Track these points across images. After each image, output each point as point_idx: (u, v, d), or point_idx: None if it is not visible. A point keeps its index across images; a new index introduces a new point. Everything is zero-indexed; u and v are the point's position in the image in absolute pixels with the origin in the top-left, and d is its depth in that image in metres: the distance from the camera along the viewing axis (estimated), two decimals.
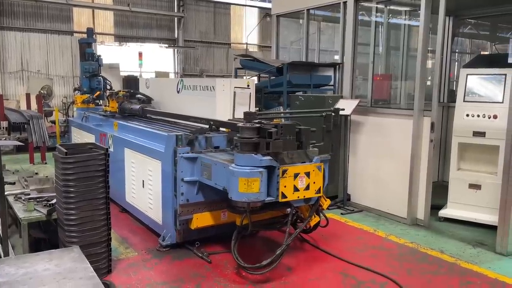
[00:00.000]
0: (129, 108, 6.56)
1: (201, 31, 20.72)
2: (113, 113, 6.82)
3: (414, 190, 5.63)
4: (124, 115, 6.72)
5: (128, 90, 6.95)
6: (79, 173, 3.75)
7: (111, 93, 6.91)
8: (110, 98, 6.88)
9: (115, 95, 6.77)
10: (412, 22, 8.36)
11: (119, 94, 6.74)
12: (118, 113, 6.77)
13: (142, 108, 6.36)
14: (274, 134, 3.64)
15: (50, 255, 2.69)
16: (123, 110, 6.69)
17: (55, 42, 16.69)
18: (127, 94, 6.77)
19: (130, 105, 6.61)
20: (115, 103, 6.76)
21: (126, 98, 6.73)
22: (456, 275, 4.22)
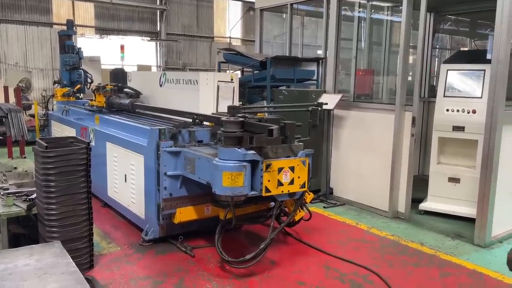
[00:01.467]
0: (118, 102, 6.30)
1: (183, 25, 20.53)
2: (100, 108, 6.52)
3: (395, 184, 5.71)
4: (112, 110, 6.45)
5: (116, 84, 6.67)
6: (60, 167, 3.69)
7: (98, 87, 6.54)
8: (97, 92, 6.52)
9: (102, 89, 6.44)
10: (394, 17, 8.45)
11: (107, 88, 6.44)
12: (105, 108, 6.48)
13: (131, 103, 6.11)
14: (275, 131, 3.47)
15: (31, 251, 2.65)
16: (111, 105, 6.41)
17: (33, 34, 16.31)
18: (115, 88, 6.47)
19: (118, 99, 6.34)
20: (102, 98, 6.44)
21: (114, 92, 6.44)
22: (435, 267, 4.31)
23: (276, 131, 3.49)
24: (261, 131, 3.76)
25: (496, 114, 4.63)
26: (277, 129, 3.47)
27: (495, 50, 4.62)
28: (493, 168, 4.68)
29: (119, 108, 6.34)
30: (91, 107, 6.69)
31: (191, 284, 3.83)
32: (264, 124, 3.80)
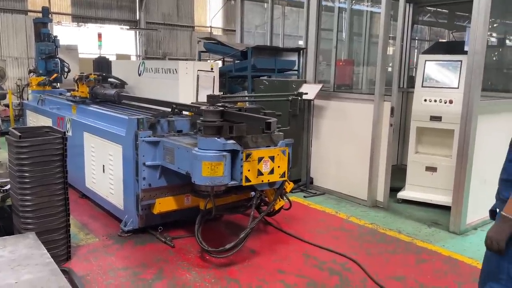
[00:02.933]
0: (102, 93, 5.93)
1: (163, 13, 20.22)
2: (83, 99, 6.12)
3: (374, 173, 5.78)
4: (96, 100, 6.10)
5: (100, 73, 6.32)
6: (34, 157, 3.60)
7: (80, 77, 6.14)
8: (80, 82, 6.14)
9: (85, 79, 6.05)
10: (374, 8, 8.50)
11: (90, 78, 6.06)
12: (89, 99, 6.10)
13: (117, 94, 5.75)
14: (273, 124, 3.27)
15: (4, 242, 2.58)
16: (95, 96, 6.03)
17: (8, 21, 15.82)
18: (99, 78, 6.09)
19: (103, 90, 5.97)
20: (86, 88, 6.06)
21: (98, 82, 6.08)
22: (412, 254, 4.40)
23: (274, 124, 3.26)
24: (241, 120, 3.75)
25: (472, 104, 4.72)
26: (275, 122, 3.24)
27: (471, 41, 4.69)
28: (469, 157, 4.77)
29: (103, 98, 6.00)
30: (73, 98, 6.30)
31: (170, 274, 3.81)
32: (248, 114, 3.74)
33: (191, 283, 3.68)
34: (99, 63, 7.03)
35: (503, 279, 2.20)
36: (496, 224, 2.20)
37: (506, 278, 2.18)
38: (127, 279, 3.71)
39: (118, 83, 6.26)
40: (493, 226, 2.22)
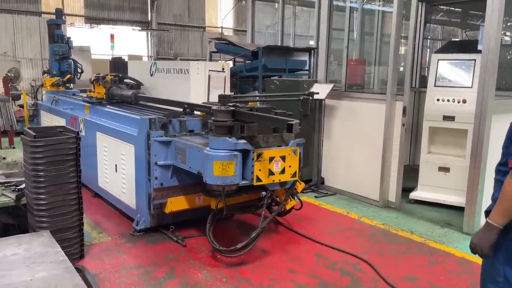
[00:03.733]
0: (119, 94, 5.88)
1: (175, 14, 20.33)
2: (99, 100, 6.09)
3: (386, 173, 5.74)
4: (112, 101, 6.05)
5: (116, 74, 6.22)
6: (49, 156, 3.65)
7: (97, 77, 6.10)
8: (96, 83, 6.10)
9: (102, 80, 6.02)
10: (386, 8, 8.44)
11: (107, 79, 6.03)
12: (105, 100, 6.07)
13: (134, 95, 5.68)
14: (295, 126, 3.09)
15: (19, 240, 2.63)
16: (111, 96, 6.00)
17: (22, 23, 16.03)
18: (115, 78, 6.05)
19: (119, 90, 5.92)
20: (102, 89, 6.03)
21: (115, 83, 6.05)
22: (425, 255, 4.36)
23: (296, 126, 3.09)
24: (253, 120, 3.76)
25: (486, 104, 4.66)
26: (297, 124, 3.06)
27: (485, 40, 4.63)
28: (482, 157, 4.72)
29: (120, 99, 5.95)
30: (89, 99, 6.26)
31: (182, 273, 3.83)
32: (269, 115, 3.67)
33: (203, 282, 3.69)
34: (115, 63, 6.94)
35: (500, 281, 2.20)
36: (481, 230, 2.20)
37: (503, 281, 2.19)
38: (139, 277, 3.74)
39: (134, 84, 6.22)
40: (479, 232, 2.22)
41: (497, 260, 2.20)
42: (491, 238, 2.14)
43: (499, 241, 2.16)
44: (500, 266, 2.18)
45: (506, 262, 2.17)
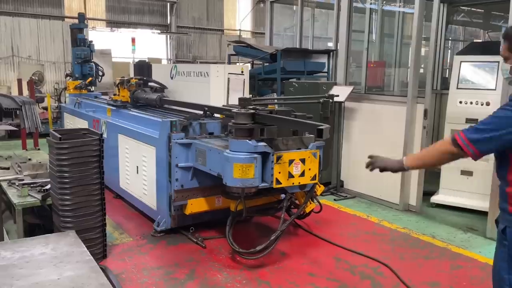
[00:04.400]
0: (144, 97, 5.89)
1: (194, 17, 20.52)
2: (124, 103, 6.10)
3: (407, 177, 5.68)
4: (137, 105, 6.08)
5: (141, 77, 6.24)
6: (73, 158, 3.74)
7: (122, 81, 6.13)
8: (121, 86, 6.12)
9: (126, 83, 6.03)
10: (406, 9, 8.35)
11: (132, 82, 6.04)
12: (129, 103, 6.08)
13: (159, 98, 5.67)
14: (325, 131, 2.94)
15: (46, 240, 2.69)
16: (136, 100, 6.02)
17: (45, 27, 16.43)
18: (140, 82, 6.06)
19: (144, 94, 5.94)
20: (127, 92, 6.05)
21: (139, 86, 6.07)
22: (447, 259, 4.30)
23: (327, 132, 2.94)
24: (273, 123, 3.77)
25: None
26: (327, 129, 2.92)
27: None
28: None
29: (145, 103, 6.00)
30: (114, 102, 6.27)
31: (202, 274, 3.87)
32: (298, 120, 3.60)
33: (223, 283, 3.72)
34: (139, 66, 6.99)
35: None
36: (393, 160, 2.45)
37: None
38: (160, 278, 3.79)
39: (158, 87, 6.21)
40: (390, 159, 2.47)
41: (502, 270, 2.19)
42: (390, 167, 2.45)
43: (502, 250, 2.18)
44: (506, 275, 2.18)
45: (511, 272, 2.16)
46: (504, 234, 2.18)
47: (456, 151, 2.15)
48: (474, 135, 2.10)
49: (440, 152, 2.25)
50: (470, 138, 2.10)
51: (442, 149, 2.24)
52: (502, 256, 2.19)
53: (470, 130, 2.14)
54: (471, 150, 2.11)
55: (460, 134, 2.14)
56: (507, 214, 2.18)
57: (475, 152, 2.10)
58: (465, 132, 2.14)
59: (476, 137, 2.10)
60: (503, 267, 2.19)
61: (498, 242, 2.26)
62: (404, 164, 2.37)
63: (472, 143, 2.10)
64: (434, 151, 2.30)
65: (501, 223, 2.23)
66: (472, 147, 2.10)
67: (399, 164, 2.40)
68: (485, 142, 2.09)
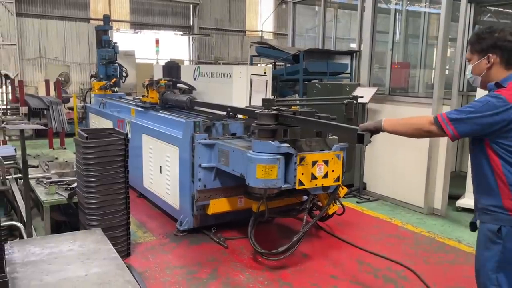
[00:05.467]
0: (174, 99, 5.75)
1: (216, 19, 20.64)
2: (153, 104, 6.01)
3: (432, 180, 5.58)
4: (165, 106, 5.97)
5: (170, 78, 6.13)
6: (99, 157, 3.81)
7: (151, 82, 6.04)
8: (150, 87, 6.02)
9: (155, 85, 5.94)
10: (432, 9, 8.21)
11: (161, 83, 5.94)
12: (158, 105, 5.98)
13: (190, 100, 5.53)
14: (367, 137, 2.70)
15: (74, 236, 2.75)
16: (165, 101, 5.90)
17: (72, 29, 16.79)
18: (169, 83, 5.96)
19: (174, 96, 5.81)
20: (156, 94, 5.95)
21: (169, 87, 5.96)
22: (473, 265, 4.18)
23: (368, 137, 2.70)
24: (297, 124, 3.75)
25: None
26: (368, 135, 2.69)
27: None
28: None
29: (175, 104, 5.84)
30: (143, 103, 6.17)
31: (224, 274, 3.88)
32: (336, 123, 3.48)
33: (244, 284, 3.73)
34: (168, 68, 6.93)
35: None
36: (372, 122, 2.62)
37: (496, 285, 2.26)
38: (183, 277, 3.82)
39: (186, 89, 6.14)
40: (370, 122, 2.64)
41: (489, 269, 2.26)
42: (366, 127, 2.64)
43: (490, 250, 2.25)
44: (493, 274, 2.25)
45: (500, 270, 2.23)
46: (500, 233, 2.21)
47: (435, 131, 2.24)
48: (455, 115, 2.19)
49: (418, 127, 2.33)
50: (450, 117, 2.19)
51: (421, 125, 2.31)
52: (491, 255, 2.25)
53: (452, 111, 2.24)
54: (450, 130, 2.19)
55: (443, 114, 2.23)
56: (501, 212, 2.22)
57: (454, 132, 2.18)
58: (447, 113, 2.23)
59: (457, 116, 2.18)
60: (492, 267, 2.25)
61: (488, 242, 2.28)
62: (382, 126, 2.50)
63: (451, 122, 2.18)
64: (412, 124, 2.39)
65: (489, 224, 2.28)
66: (451, 127, 2.18)
67: (377, 124, 2.54)
68: (465, 122, 2.17)
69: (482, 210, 2.32)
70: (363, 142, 2.72)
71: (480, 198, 2.34)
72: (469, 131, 2.20)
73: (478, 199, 2.37)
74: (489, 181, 2.25)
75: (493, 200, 2.24)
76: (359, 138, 2.73)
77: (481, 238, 2.34)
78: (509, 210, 2.20)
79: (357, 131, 2.73)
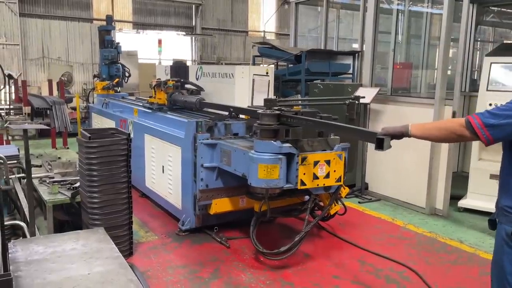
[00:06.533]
0: (182, 100, 5.60)
1: (218, 19, 20.66)
2: (161, 106, 5.89)
3: (433, 180, 5.58)
4: (174, 107, 5.86)
5: (178, 79, 5.96)
6: (102, 157, 3.83)
7: (158, 83, 5.91)
8: (158, 88, 5.89)
9: (163, 85, 5.79)
10: (434, 10, 8.21)
11: (169, 84, 5.79)
12: (166, 106, 5.86)
13: (199, 101, 5.35)
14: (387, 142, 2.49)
15: (77, 235, 2.77)
16: (174, 102, 5.76)
17: (75, 29, 16.84)
18: (177, 84, 5.81)
19: (182, 97, 5.67)
20: (163, 94, 5.81)
21: (177, 88, 5.81)
22: (475, 265, 4.20)
23: (388, 142, 2.50)
24: (299, 124, 3.76)
25: None
26: (388, 140, 2.50)
27: None
28: None
29: (183, 106, 5.71)
30: (150, 105, 6.05)
31: (226, 273, 3.90)
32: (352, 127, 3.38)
33: (246, 283, 3.74)
34: (176, 68, 6.71)
35: None
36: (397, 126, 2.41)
37: None
38: (185, 276, 3.84)
39: (194, 89, 6.00)
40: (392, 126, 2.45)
41: (509, 273, 2.15)
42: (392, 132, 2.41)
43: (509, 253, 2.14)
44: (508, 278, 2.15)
45: None
46: None
47: (468, 135, 2.09)
48: (491, 120, 2.04)
49: (450, 131, 2.18)
50: (486, 123, 2.04)
51: (452, 129, 2.16)
52: (510, 259, 2.15)
53: (485, 115, 2.07)
54: (485, 136, 2.05)
55: (476, 118, 2.07)
56: None
57: (489, 138, 2.05)
58: (480, 117, 2.07)
59: (493, 122, 2.04)
60: (510, 271, 2.14)
61: (504, 245, 2.18)
62: (409, 131, 2.31)
63: (487, 128, 2.04)
64: (443, 128, 2.23)
65: (505, 225, 2.18)
66: (486, 133, 2.05)
67: (404, 129, 2.34)
68: (501, 128, 2.04)
69: (501, 210, 2.23)
70: (383, 147, 2.49)
71: (501, 197, 2.24)
72: (506, 136, 2.09)
73: (499, 198, 2.28)
74: (511, 181, 2.17)
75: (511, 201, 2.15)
76: (378, 143, 2.52)
77: (498, 240, 2.26)
78: None
79: (376, 135, 2.52)
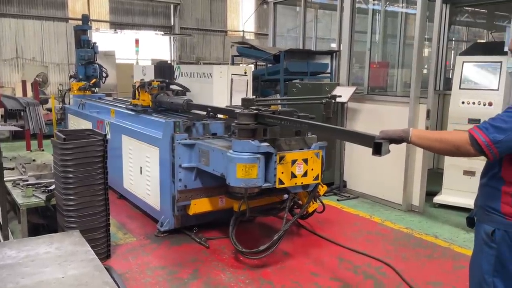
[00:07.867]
0: (168, 101, 5.38)
1: (197, 19, 20.56)
2: (145, 107, 5.61)
3: (410, 177, 5.69)
4: (159, 109, 5.63)
5: (163, 79, 5.70)
6: (77, 158, 3.77)
7: (142, 84, 5.63)
8: (142, 89, 5.60)
9: (148, 86, 5.53)
10: (409, 10, 8.36)
11: (153, 85, 5.53)
12: (151, 108, 5.59)
13: (187, 102, 5.13)
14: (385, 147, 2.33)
15: (51, 239, 2.72)
16: (159, 104, 5.52)
17: (50, 29, 16.49)
18: (162, 85, 5.55)
19: (168, 98, 5.43)
20: (148, 96, 5.54)
21: (162, 89, 5.55)
22: (449, 259, 4.30)
23: (386, 146, 2.33)
24: (274, 123, 3.78)
25: None
26: (387, 145, 2.33)
27: None
28: None
29: (169, 107, 5.50)
30: (134, 107, 5.76)
31: (205, 274, 3.89)
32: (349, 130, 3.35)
33: (226, 283, 3.74)
34: (160, 68, 6.38)
35: None
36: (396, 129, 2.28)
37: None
38: (164, 278, 3.81)
39: (179, 90, 5.77)
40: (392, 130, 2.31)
41: (486, 273, 2.15)
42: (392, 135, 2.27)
43: (487, 253, 2.13)
44: (489, 278, 2.14)
45: (496, 275, 2.12)
46: (493, 236, 2.10)
47: (472, 152, 1.99)
48: (498, 136, 1.94)
49: (453, 146, 2.05)
50: (494, 140, 1.94)
51: (455, 144, 2.04)
52: (488, 259, 2.14)
53: (490, 130, 1.96)
54: (493, 153, 1.96)
55: (480, 133, 1.97)
56: (497, 214, 2.09)
57: (496, 154, 1.97)
58: (485, 132, 1.97)
59: (501, 138, 1.94)
60: (487, 270, 2.14)
61: (483, 244, 2.17)
62: (410, 137, 2.18)
63: (495, 145, 1.95)
64: (445, 142, 2.09)
65: (485, 224, 2.16)
66: (494, 150, 1.95)
67: (404, 134, 2.20)
68: (507, 142, 1.95)
69: (480, 209, 2.22)
70: (381, 153, 2.30)
71: (481, 196, 2.23)
72: (510, 149, 1.98)
73: (480, 196, 2.26)
74: (496, 185, 2.12)
75: (493, 203, 2.12)
76: (376, 148, 2.31)
77: (477, 239, 2.24)
78: (506, 214, 2.07)
79: (374, 139, 2.34)
